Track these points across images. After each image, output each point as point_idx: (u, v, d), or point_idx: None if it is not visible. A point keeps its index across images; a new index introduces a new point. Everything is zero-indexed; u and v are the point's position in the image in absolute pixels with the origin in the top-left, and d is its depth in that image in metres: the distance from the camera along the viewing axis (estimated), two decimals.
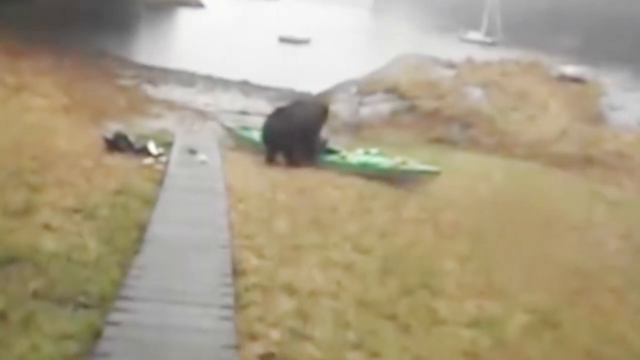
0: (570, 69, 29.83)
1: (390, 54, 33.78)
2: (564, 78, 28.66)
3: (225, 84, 33.30)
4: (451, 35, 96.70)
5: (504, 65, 30.27)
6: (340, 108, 25.79)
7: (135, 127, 17.03)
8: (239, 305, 7.22)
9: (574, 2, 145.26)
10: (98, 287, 7.13)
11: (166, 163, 13.95)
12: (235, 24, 75.00)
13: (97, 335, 6.12)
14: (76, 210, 9.50)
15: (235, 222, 10.17)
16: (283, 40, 67.89)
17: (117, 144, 14.43)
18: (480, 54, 37.82)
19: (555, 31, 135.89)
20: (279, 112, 16.73)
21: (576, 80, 28.41)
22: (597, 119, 25.33)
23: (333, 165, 15.62)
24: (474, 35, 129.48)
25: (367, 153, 16.69)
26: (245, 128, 18.43)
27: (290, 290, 7.78)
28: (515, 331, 7.70)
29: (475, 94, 25.95)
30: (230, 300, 7.23)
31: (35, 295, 6.72)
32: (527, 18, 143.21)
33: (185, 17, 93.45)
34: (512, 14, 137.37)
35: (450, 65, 29.96)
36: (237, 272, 8.11)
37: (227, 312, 6.94)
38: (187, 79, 32.68)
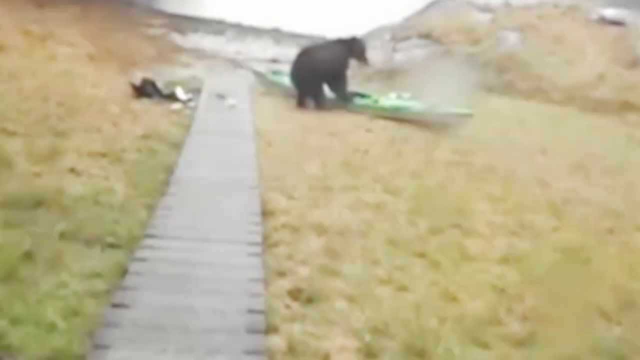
0: (610, 12, 29.08)
1: None
2: (603, 21, 27.97)
3: (256, 31, 32.99)
4: None
5: (542, 8, 29.56)
6: (373, 55, 25.48)
7: (163, 75, 16.89)
8: (268, 244, 7.10)
9: None
10: (126, 228, 7.03)
11: (194, 108, 13.82)
12: None
13: (124, 272, 6.03)
14: (103, 155, 9.40)
15: (265, 165, 10.03)
16: None
17: (144, 90, 14.31)
18: None
19: None
20: (304, 53, 16.38)
21: (616, 23, 27.71)
22: (637, 63, 24.76)
23: (365, 109, 15.39)
24: None
25: (399, 97, 16.45)
26: (276, 73, 18.21)
27: (320, 229, 7.64)
28: (545, 267, 7.53)
29: (512, 38, 25.46)
30: (258, 239, 7.09)
31: (63, 236, 6.60)
32: None
33: None
34: None
35: (487, 9, 29.36)
36: (265, 212, 7.98)
37: (256, 249, 6.80)
38: (217, 27, 32.35)
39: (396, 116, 14.92)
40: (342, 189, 9.34)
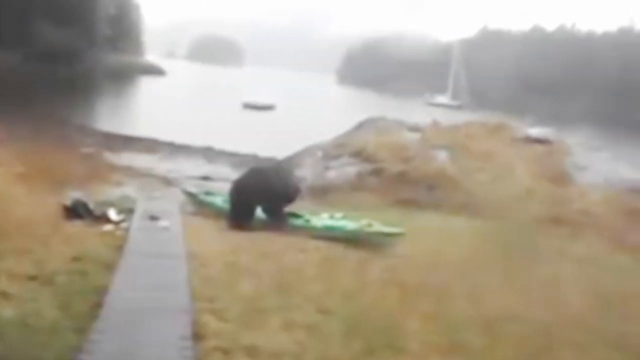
0: (535, 131, 30.39)
1: (355, 118, 34.09)
2: (529, 139, 29.12)
3: (188, 150, 33.37)
4: (417, 99, 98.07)
5: (469, 127, 30.70)
6: (306, 172, 25.89)
7: (96, 195, 16.88)
8: None
9: (536, 65, 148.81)
10: (54, 353, 6.96)
11: (127, 229, 13.79)
12: (198, 90, 75.63)
13: None
14: (33, 278, 9.32)
15: (197, 287, 9.99)
16: (247, 106, 68.49)
17: (76, 211, 14.29)
18: (447, 117, 38.36)
19: (519, 94, 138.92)
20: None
21: (541, 141, 28.87)
22: (564, 178, 25.64)
23: (298, 229, 15.55)
24: (441, 98, 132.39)
25: (331, 217, 16.68)
26: (208, 193, 18.38)
27: (252, 352, 7.61)
28: None
29: (441, 156, 26.22)
30: None
31: None
32: (492, 82, 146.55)
33: (147, 84, 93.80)
34: (477, 78, 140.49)
35: (416, 128, 30.35)
36: (197, 335, 7.92)
37: None
38: (150, 145, 32.75)
39: (328, 236, 15.10)
40: (275, 309, 9.29)
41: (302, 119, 55.37)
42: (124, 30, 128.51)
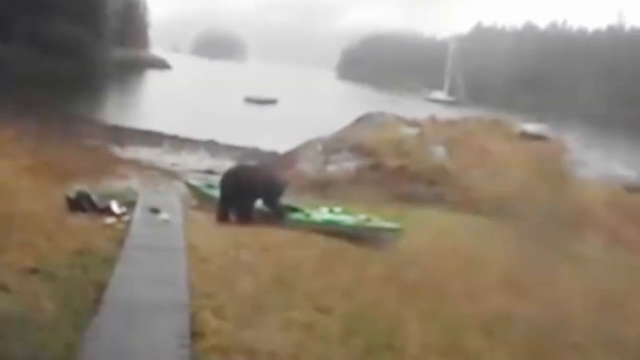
0: (532, 127, 30.44)
1: (355, 113, 34.14)
2: (525, 136, 29.18)
3: (192, 143, 33.48)
4: (415, 95, 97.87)
5: (466, 123, 30.76)
6: (306, 166, 25.97)
7: (100, 188, 16.97)
8: None
9: (529, 62, 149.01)
10: (52, 350, 6.99)
11: (129, 222, 13.88)
12: (202, 85, 75.62)
13: None
14: (34, 271, 9.35)
15: (196, 282, 10.05)
16: (250, 100, 68.59)
17: (80, 204, 14.40)
18: (444, 113, 38.40)
19: (515, 90, 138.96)
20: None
21: (538, 137, 28.93)
22: (562, 175, 25.68)
23: (298, 224, 15.61)
24: (438, 94, 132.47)
25: (331, 211, 16.73)
26: (210, 186, 18.43)
27: (251, 352, 7.62)
28: None
29: (439, 152, 26.27)
30: None
31: None
32: (487, 78, 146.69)
33: (152, 78, 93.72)
34: (472, 74, 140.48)
35: (415, 124, 30.42)
36: (196, 333, 7.96)
37: None
38: (154, 139, 32.87)
39: (328, 230, 15.16)
40: (274, 307, 9.32)
41: (303, 113, 55.37)
42: (130, 25, 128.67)
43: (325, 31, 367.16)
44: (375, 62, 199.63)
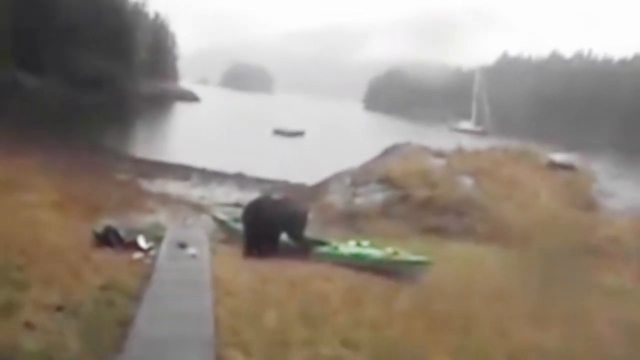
0: (559, 157, 30.25)
1: (382, 144, 34.12)
2: (553, 165, 28.96)
3: (220, 176, 33.56)
4: (442, 125, 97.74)
5: (493, 153, 30.60)
6: (334, 198, 25.91)
7: (128, 222, 17.02)
8: None
9: (555, 92, 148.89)
10: None
11: (155, 257, 13.88)
12: (230, 117, 76.07)
13: None
14: (59, 308, 9.34)
15: (222, 317, 9.99)
16: (277, 132, 68.93)
17: (106, 238, 14.43)
18: (470, 143, 38.27)
19: (542, 119, 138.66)
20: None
21: (565, 167, 28.71)
22: (590, 205, 25.43)
23: (325, 257, 15.54)
24: (464, 124, 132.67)
25: (358, 244, 16.64)
26: (237, 220, 18.41)
27: None
28: None
29: (467, 182, 26.10)
30: None
31: None
32: (513, 108, 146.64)
33: (181, 110, 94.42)
34: (499, 104, 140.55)
35: (441, 154, 30.28)
36: None
37: None
38: (182, 172, 33.00)
39: (355, 264, 15.06)
40: (300, 343, 9.24)
41: (330, 145, 55.50)
42: (159, 57, 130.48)
43: (350, 61, 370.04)
44: (401, 93, 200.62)
